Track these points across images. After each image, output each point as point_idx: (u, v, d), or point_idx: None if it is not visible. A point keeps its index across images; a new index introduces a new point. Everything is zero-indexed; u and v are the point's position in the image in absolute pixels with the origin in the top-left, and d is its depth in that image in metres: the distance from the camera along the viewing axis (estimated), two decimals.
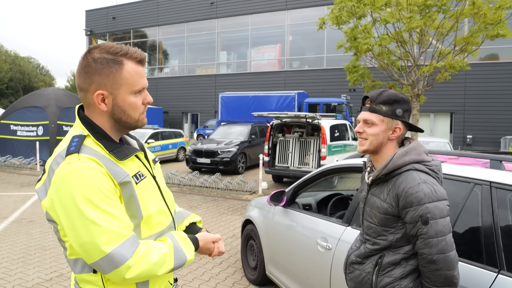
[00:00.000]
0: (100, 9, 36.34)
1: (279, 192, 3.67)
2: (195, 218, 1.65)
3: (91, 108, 1.33)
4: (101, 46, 1.31)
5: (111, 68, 1.28)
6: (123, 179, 1.26)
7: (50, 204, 1.23)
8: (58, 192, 1.19)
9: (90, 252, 1.17)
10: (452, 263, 1.58)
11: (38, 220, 7.06)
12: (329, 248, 2.84)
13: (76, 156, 1.21)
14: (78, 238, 1.17)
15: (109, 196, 1.20)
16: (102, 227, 1.16)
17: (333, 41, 13.15)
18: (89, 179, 1.18)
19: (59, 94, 16.34)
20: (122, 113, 1.33)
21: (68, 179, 1.17)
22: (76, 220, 1.16)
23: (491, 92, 22.29)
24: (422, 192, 1.59)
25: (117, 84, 1.29)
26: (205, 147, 13.07)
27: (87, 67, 1.28)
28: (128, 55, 1.31)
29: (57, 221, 1.24)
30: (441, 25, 10.78)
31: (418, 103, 11.24)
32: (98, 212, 1.16)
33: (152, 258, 1.23)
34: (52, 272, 4.68)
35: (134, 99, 1.33)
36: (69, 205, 1.16)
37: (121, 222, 1.20)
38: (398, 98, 1.74)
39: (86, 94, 1.31)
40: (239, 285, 4.35)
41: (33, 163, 14.26)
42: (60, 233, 1.28)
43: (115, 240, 1.17)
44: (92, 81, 1.28)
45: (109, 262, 1.16)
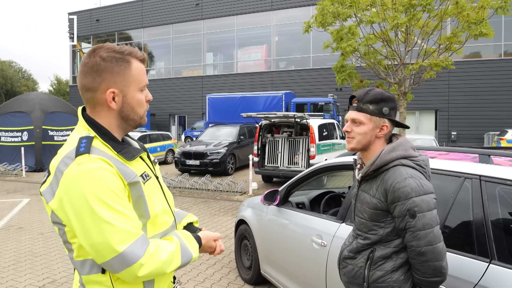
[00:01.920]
0: (84, 11, 35.90)
1: (273, 192, 3.70)
2: (192, 218, 1.68)
3: (98, 107, 1.33)
4: (105, 46, 1.33)
5: (121, 66, 1.30)
6: (133, 179, 1.28)
7: (58, 205, 1.22)
8: (68, 193, 1.19)
9: (102, 251, 1.17)
10: (440, 254, 1.63)
11: (26, 226, 6.96)
12: (324, 245, 2.88)
13: (86, 156, 1.21)
14: (90, 238, 1.17)
15: (120, 196, 1.21)
16: (115, 226, 1.17)
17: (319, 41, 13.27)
18: (101, 179, 1.18)
19: (43, 99, 16.10)
20: (130, 110, 1.35)
21: (80, 180, 1.17)
22: (88, 220, 1.16)
23: (474, 89, 22.75)
24: (409, 187, 1.64)
25: (127, 81, 1.32)
26: (194, 149, 13.04)
27: (96, 65, 1.28)
28: (133, 54, 1.34)
29: (66, 223, 1.24)
30: (425, 24, 10.96)
31: (405, 101, 11.40)
32: (110, 211, 1.17)
33: (162, 256, 1.25)
34: (44, 278, 4.63)
35: (141, 96, 1.37)
36: (81, 205, 1.16)
37: (132, 222, 1.22)
38: (384, 97, 1.78)
39: (94, 93, 1.31)
40: (234, 285, 4.37)
41: (18, 169, 14.02)
42: (68, 235, 1.27)
43: (127, 239, 1.18)
44: (102, 79, 1.29)
45: (122, 261, 1.17)
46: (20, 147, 14.18)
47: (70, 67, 36.99)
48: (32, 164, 14.60)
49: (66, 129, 15.66)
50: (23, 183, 12.30)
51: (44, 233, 6.53)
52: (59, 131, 15.42)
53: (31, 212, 8.10)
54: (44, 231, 6.62)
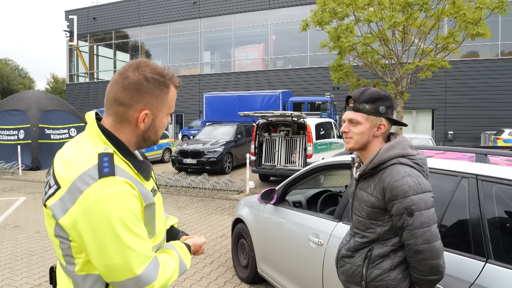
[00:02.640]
0: (81, 9, 35.76)
1: (270, 190, 3.70)
2: (173, 220, 1.70)
3: (125, 124, 1.29)
4: (150, 64, 1.30)
5: (161, 90, 1.30)
6: (150, 201, 1.28)
7: (71, 224, 1.17)
8: (88, 214, 1.15)
9: (119, 273, 1.18)
10: (437, 252, 1.64)
11: (23, 225, 6.94)
12: (321, 244, 2.88)
13: (112, 179, 1.17)
14: (107, 259, 1.16)
15: (139, 219, 1.22)
16: (135, 251, 1.18)
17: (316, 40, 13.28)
18: (127, 204, 1.17)
19: (40, 97, 16.02)
20: (153, 133, 1.35)
21: (105, 203, 1.15)
22: (109, 243, 1.15)
23: (471, 89, 22.81)
24: (406, 185, 1.64)
25: (162, 106, 1.32)
26: (191, 147, 13.02)
27: (138, 84, 1.26)
28: (173, 80, 1.33)
29: (76, 240, 1.19)
30: (423, 23, 10.99)
31: (402, 100, 11.43)
32: (133, 236, 1.18)
33: (167, 274, 1.28)
34: (41, 277, 4.61)
35: (166, 120, 1.37)
36: (104, 228, 1.14)
37: (147, 244, 1.23)
38: (380, 96, 1.78)
39: (127, 109, 1.27)
40: (231, 284, 4.37)
41: (14, 167, 13.95)
42: (73, 250, 1.23)
43: (144, 262, 1.20)
44: (141, 99, 1.26)
45: (136, 282, 1.19)
46: (17, 145, 14.10)
47: (67, 65, 36.85)
48: (29, 163, 14.54)
49: (63, 127, 15.60)
50: (19, 181, 12.25)
51: (40, 231, 6.51)
52: (56, 129, 15.36)
53: (27, 211, 8.07)
54: (40, 230, 6.60)
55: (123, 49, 35.36)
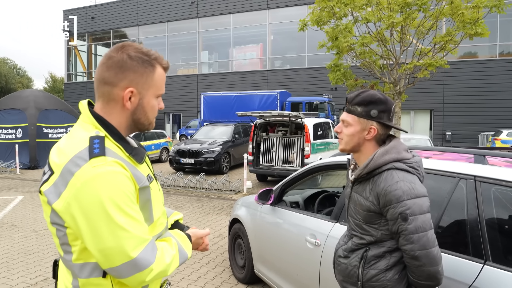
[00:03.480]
0: (79, 9, 35.68)
1: (267, 191, 3.69)
2: (178, 215, 1.68)
3: (112, 104, 1.29)
4: (134, 45, 1.31)
5: (146, 68, 1.29)
6: (144, 183, 1.26)
7: (65, 208, 1.16)
8: (80, 196, 1.14)
9: (113, 257, 1.15)
10: (434, 259, 1.61)
11: (20, 224, 6.91)
12: (318, 245, 2.86)
13: (102, 159, 1.17)
14: (101, 243, 1.14)
15: (133, 201, 1.20)
16: (129, 232, 1.15)
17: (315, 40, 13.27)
18: (118, 184, 1.16)
19: (38, 96, 16.00)
20: (142, 114, 1.33)
21: (96, 183, 1.13)
22: (102, 225, 1.13)
23: (469, 89, 22.84)
24: (400, 190, 1.63)
25: (148, 85, 1.30)
26: (189, 147, 13.00)
27: (121, 62, 1.26)
28: (159, 60, 1.33)
29: (69, 225, 1.19)
30: (421, 24, 10.99)
31: (400, 101, 11.43)
32: (125, 217, 1.15)
33: (166, 259, 1.26)
34: (37, 276, 4.60)
35: (155, 102, 1.35)
36: (95, 210, 1.13)
37: (142, 227, 1.21)
38: (374, 99, 1.75)
39: (112, 88, 1.27)
40: (227, 284, 4.35)
41: (12, 166, 13.91)
42: (69, 237, 1.22)
43: (139, 244, 1.17)
44: (125, 76, 1.26)
45: (134, 266, 1.16)
46: (14, 144, 14.07)
47: (65, 64, 36.76)
48: (27, 162, 14.50)
49: (61, 126, 15.57)
50: (17, 180, 12.21)
51: (37, 230, 6.48)
52: (54, 128, 15.32)
53: (24, 210, 8.04)
54: (37, 229, 6.57)
55: None
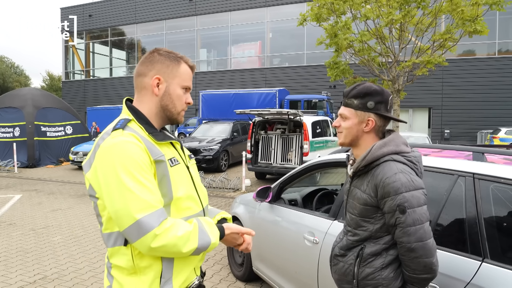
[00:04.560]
0: (76, 7, 35.54)
1: (265, 188, 3.68)
2: (226, 214, 1.70)
3: (143, 92, 1.52)
4: (164, 48, 1.56)
5: (171, 61, 1.52)
6: (159, 157, 1.39)
7: (93, 175, 1.36)
8: (101, 162, 1.33)
9: (122, 218, 1.27)
10: (430, 250, 1.62)
11: (18, 222, 6.89)
12: (316, 242, 2.86)
13: (120, 131, 1.37)
14: (113, 204, 1.28)
15: (145, 170, 1.32)
16: (136, 195, 1.27)
17: (313, 38, 13.23)
18: (129, 152, 1.31)
19: (35, 94, 15.96)
20: (169, 101, 1.51)
21: (111, 151, 1.32)
22: (114, 187, 1.28)
23: (468, 87, 22.82)
24: (399, 182, 1.62)
25: (173, 75, 1.51)
26: (187, 145, 12.97)
27: (151, 57, 1.52)
28: (185, 59, 1.56)
29: (98, 192, 1.36)
30: (420, 21, 10.98)
31: (399, 99, 11.43)
32: (134, 182, 1.28)
33: (178, 232, 1.31)
34: (36, 274, 4.59)
35: (181, 92, 1.54)
36: (110, 173, 1.29)
37: (153, 195, 1.31)
38: (370, 91, 1.76)
39: (144, 78, 1.51)
40: (226, 282, 4.35)
41: (10, 165, 13.88)
42: (99, 208, 1.40)
43: (145, 208, 1.27)
44: (153, 67, 1.50)
45: (137, 229, 1.26)
46: (12, 143, 14.04)
47: (63, 63, 36.62)
48: (25, 160, 14.47)
49: (59, 124, 15.55)
50: (15, 179, 12.18)
51: (35, 229, 6.47)
52: (52, 126, 15.30)
53: (22, 208, 8.03)
54: (35, 227, 6.56)
55: (119, 46, 35.17)
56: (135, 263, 1.36)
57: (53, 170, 14.06)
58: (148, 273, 1.37)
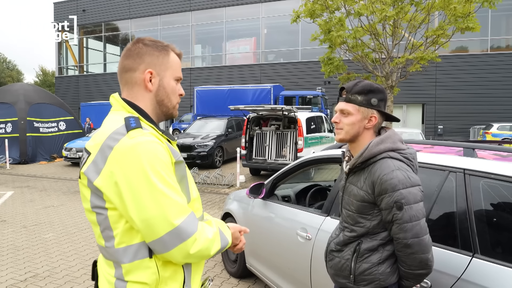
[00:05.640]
0: (70, 1, 35.19)
1: (258, 185, 3.67)
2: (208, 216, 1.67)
3: (136, 88, 1.37)
4: (148, 37, 1.43)
5: (160, 52, 1.39)
6: (179, 158, 1.30)
7: (107, 182, 1.18)
8: (122, 165, 1.16)
9: (157, 226, 1.15)
10: (426, 246, 1.64)
11: (9, 219, 6.84)
12: (309, 239, 2.86)
13: (140, 130, 1.22)
14: (144, 212, 1.15)
15: (171, 172, 1.23)
16: (172, 199, 1.17)
17: (308, 34, 13.22)
18: (157, 152, 1.19)
19: (28, 90, 15.82)
20: (165, 95, 1.40)
21: (136, 152, 1.17)
22: (144, 192, 1.15)
23: (460, 83, 22.97)
24: (396, 179, 1.64)
25: (165, 66, 1.39)
26: (182, 141, 12.94)
27: (138, 49, 1.37)
28: (171, 47, 1.44)
29: (113, 201, 1.19)
30: (413, 17, 11.00)
31: (392, 95, 11.46)
32: (166, 185, 1.17)
33: (209, 234, 1.25)
34: (27, 272, 4.56)
35: (175, 84, 1.43)
36: (137, 176, 1.15)
37: (183, 197, 1.23)
38: (373, 88, 1.78)
39: (133, 73, 1.36)
40: (219, 279, 4.35)
41: (2, 161, 13.77)
42: (111, 220, 1.23)
43: (182, 212, 1.18)
44: (142, 61, 1.36)
45: (177, 235, 1.16)
46: (4, 138, 13.92)
47: (56, 58, 36.30)
48: (17, 156, 14.36)
49: (52, 120, 15.43)
50: (7, 175, 12.08)
51: (27, 226, 6.43)
52: (45, 122, 15.19)
53: (14, 205, 7.97)
54: (27, 224, 6.51)
55: (113, 41, 34.92)
56: (160, 275, 1.24)
57: (46, 167, 13.97)
58: (172, 284, 1.26)
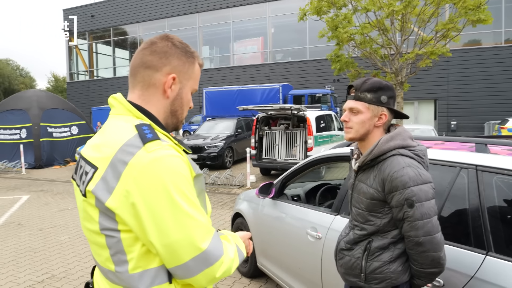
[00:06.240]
0: (78, 7, 35.62)
1: (268, 184, 3.66)
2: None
3: (151, 90, 1.21)
4: (177, 37, 1.28)
5: (188, 59, 1.25)
6: (198, 171, 1.17)
7: (122, 203, 1.03)
8: (141, 185, 1.01)
9: (181, 251, 1.03)
10: (438, 244, 1.61)
11: (26, 223, 6.95)
12: (319, 238, 2.84)
13: (158, 143, 1.06)
14: (167, 236, 1.02)
15: (193, 187, 1.10)
16: (197, 220, 1.05)
17: (316, 31, 13.13)
18: (179, 168, 1.06)
19: (40, 96, 16.07)
20: (180, 106, 1.26)
21: (157, 168, 1.02)
22: (168, 215, 1.02)
23: (473, 77, 22.56)
24: (407, 176, 1.61)
25: (189, 75, 1.26)
26: (192, 142, 12.99)
27: (167, 47, 1.21)
28: (196, 55, 1.30)
29: (128, 223, 1.05)
30: (422, 11, 10.85)
31: (402, 91, 11.33)
32: (190, 205, 1.05)
33: (230, 254, 1.16)
34: (43, 274, 4.65)
35: (190, 97, 1.29)
36: (159, 198, 1.01)
37: (206, 217, 1.11)
38: (382, 85, 1.76)
39: (154, 73, 1.20)
40: (231, 278, 4.35)
41: (18, 166, 14.00)
42: (124, 243, 1.08)
43: (208, 234, 1.08)
44: (169, 62, 1.21)
45: (204, 260, 1.06)
46: (19, 144, 14.15)
47: (67, 64, 36.77)
48: (32, 161, 14.59)
49: (64, 125, 15.65)
50: (23, 180, 12.28)
51: (43, 229, 6.52)
52: (58, 127, 15.41)
53: (30, 209, 8.09)
54: (43, 227, 6.61)
55: (122, 46, 35.25)
56: None
57: (60, 171, 14.15)
58: None
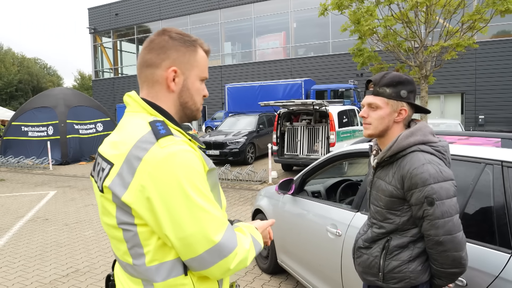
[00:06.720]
0: (103, 6, 36.32)
1: (288, 181, 3.64)
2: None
3: (157, 87, 1.23)
4: (174, 28, 1.29)
5: (188, 48, 1.24)
6: (211, 165, 1.19)
7: (137, 198, 1.06)
8: (155, 180, 1.04)
9: (196, 243, 1.06)
10: (459, 244, 1.55)
11: (52, 218, 7.16)
12: (339, 235, 2.81)
13: (171, 138, 1.09)
14: (182, 230, 1.05)
15: (206, 182, 1.13)
16: (211, 213, 1.08)
17: (338, 25, 12.93)
18: (192, 163, 1.08)
19: (67, 94, 16.49)
20: (189, 97, 1.26)
21: (170, 163, 1.05)
22: (182, 208, 1.05)
23: (502, 70, 21.77)
24: (427, 173, 1.56)
25: (191, 65, 1.25)
26: (214, 139, 13.08)
27: (163, 42, 1.23)
28: (199, 42, 1.29)
29: (144, 217, 1.08)
30: (447, 2, 10.52)
31: (427, 85, 11.04)
32: (204, 198, 1.08)
33: (245, 245, 1.17)
34: (68, 268, 4.77)
35: (200, 85, 1.29)
36: (173, 191, 1.04)
37: (219, 210, 1.14)
38: (402, 80, 1.70)
39: (155, 70, 1.22)
40: (251, 274, 4.37)
41: (45, 162, 14.43)
42: (141, 236, 1.11)
43: (221, 227, 1.10)
44: (167, 56, 1.21)
45: (218, 252, 1.08)
46: (46, 141, 14.58)
47: (92, 62, 37.62)
48: (59, 158, 15.00)
49: (90, 122, 16.02)
50: (50, 176, 12.65)
51: (68, 224, 6.70)
52: (83, 124, 15.80)
53: (57, 204, 8.33)
54: (69, 222, 6.79)
55: None
56: None
57: (86, 167, 14.50)
58: None
